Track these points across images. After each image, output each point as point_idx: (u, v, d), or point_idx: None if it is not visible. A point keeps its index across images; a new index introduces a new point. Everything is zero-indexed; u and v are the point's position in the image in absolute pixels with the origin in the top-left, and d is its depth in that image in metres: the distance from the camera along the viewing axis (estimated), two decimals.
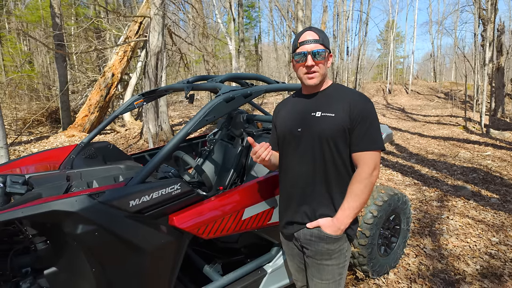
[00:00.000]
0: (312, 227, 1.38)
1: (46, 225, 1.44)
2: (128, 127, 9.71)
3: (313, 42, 1.32)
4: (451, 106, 15.63)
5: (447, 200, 4.23)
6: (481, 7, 10.82)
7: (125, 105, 2.57)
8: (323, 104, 1.38)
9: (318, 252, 1.38)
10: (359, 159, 1.33)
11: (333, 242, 1.36)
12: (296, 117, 1.43)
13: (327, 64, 1.38)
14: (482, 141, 7.84)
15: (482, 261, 2.82)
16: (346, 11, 18.00)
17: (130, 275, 1.49)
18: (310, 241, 1.39)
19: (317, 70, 1.35)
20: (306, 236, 1.41)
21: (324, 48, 1.33)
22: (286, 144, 1.45)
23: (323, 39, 1.34)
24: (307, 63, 1.33)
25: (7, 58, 15.66)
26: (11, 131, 8.62)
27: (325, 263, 1.39)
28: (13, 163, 2.16)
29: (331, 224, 1.34)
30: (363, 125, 1.31)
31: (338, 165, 1.36)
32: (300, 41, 1.34)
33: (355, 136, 1.32)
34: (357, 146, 1.32)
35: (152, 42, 6.85)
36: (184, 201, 1.60)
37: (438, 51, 30.65)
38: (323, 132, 1.33)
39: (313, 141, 1.35)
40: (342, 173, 1.37)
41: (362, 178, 1.30)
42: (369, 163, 1.31)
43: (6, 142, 4.70)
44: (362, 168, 1.31)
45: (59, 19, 9.44)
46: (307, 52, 1.32)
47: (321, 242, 1.37)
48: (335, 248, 1.37)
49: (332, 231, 1.34)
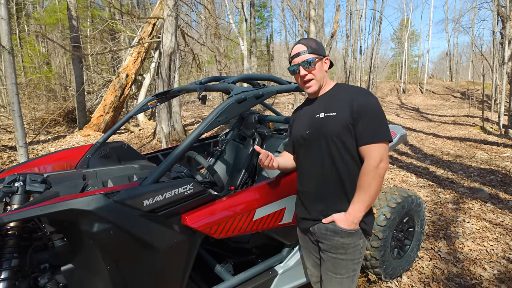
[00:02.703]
0: (327, 222, 1.44)
1: (63, 223, 1.48)
2: (142, 127, 9.87)
3: (301, 54, 1.43)
4: (467, 106, 15.22)
5: (463, 202, 4.13)
6: (500, 4, 10.51)
7: (140, 106, 2.61)
8: (325, 105, 1.46)
9: (333, 246, 1.43)
10: (365, 152, 1.37)
11: (348, 236, 1.41)
12: (304, 121, 1.52)
13: (323, 68, 1.47)
14: (501, 142, 7.61)
15: (499, 265, 2.74)
16: (359, 10, 17.75)
17: (143, 273, 1.51)
18: (325, 235, 1.45)
19: (312, 77, 1.45)
20: (321, 230, 1.46)
21: (314, 56, 1.42)
22: (299, 147, 1.55)
23: (312, 48, 1.43)
24: (300, 73, 1.44)
25: (26, 59, 16.15)
26: (30, 130, 8.88)
27: (340, 257, 1.43)
28: (32, 162, 2.23)
29: (344, 219, 1.40)
30: (364, 119, 1.35)
31: (347, 161, 1.41)
32: (291, 56, 1.47)
33: (358, 130, 1.37)
34: (362, 140, 1.37)
35: (165, 43, 6.93)
36: (196, 201, 1.62)
37: (454, 49, 29.88)
38: (327, 131, 1.40)
39: (320, 141, 1.43)
40: (353, 169, 1.42)
41: (369, 171, 1.35)
42: (374, 156, 1.34)
43: (26, 141, 4.85)
44: (368, 161, 1.36)
45: (75, 21, 9.67)
46: (298, 64, 1.44)
47: (336, 236, 1.42)
48: (350, 242, 1.42)
49: (346, 225, 1.39)
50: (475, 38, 19.63)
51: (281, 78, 2.57)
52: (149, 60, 10.63)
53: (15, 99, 4.60)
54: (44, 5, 18.50)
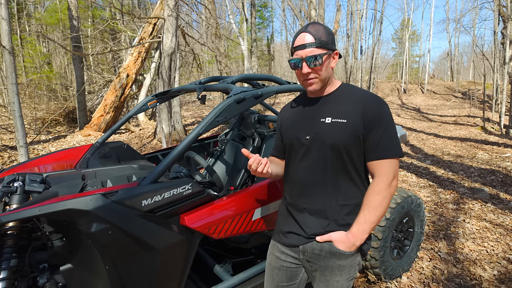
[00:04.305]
0: (323, 241, 1.24)
1: (62, 223, 1.48)
2: (142, 127, 9.89)
3: (308, 47, 1.17)
4: (468, 106, 15.19)
5: (463, 202, 4.12)
6: (501, 4, 10.49)
7: (139, 106, 2.62)
8: (332, 108, 1.24)
9: (328, 268, 1.25)
10: (376, 168, 1.20)
11: (345, 258, 1.23)
12: (304, 124, 1.29)
13: (330, 65, 1.24)
14: (501, 142, 7.60)
15: (499, 266, 2.73)
16: (360, 10, 17.76)
17: (142, 273, 1.51)
18: (319, 256, 1.25)
19: (316, 76, 1.21)
20: (314, 250, 1.26)
21: (322, 51, 1.17)
22: (292, 152, 1.32)
23: (321, 41, 1.17)
24: (303, 71, 1.20)
25: (27, 59, 16.19)
26: (31, 130, 8.90)
27: (335, 279, 1.26)
28: (32, 162, 2.23)
29: (345, 240, 1.21)
30: (378, 130, 1.18)
31: (351, 174, 1.24)
32: (295, 46, 1.21)
33: (370, 143, 1.19)
34: (373, 154, 1.20)
35: (166, 43, 6.94)
36: (195, 201, 1.62)
37: (455, 49, 29.84)
38: (335, 140, 1.20)
39: (324, 149, 1.22)
40: (356, 183, 1.26)
41: (381, 189, 1.18)
42: (388, 173, 1.18)
43: (26, 141, 4.87)
44: (380, 178, 1.19)
45: (76, 21, 9.69)
46: (301, 59, 1.19)
47: (332, 258, 1.23)
48: (346, 264, 1.24)
49: (346, 247, 1.20)
50: (476, 38, 19.61)
51: (281, 78, 2.57)
52: (150, 60, 10.65)
53: (15, 99, 4.61)
54: (45, 5, 18.55)
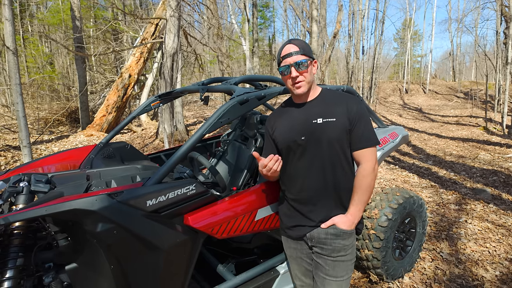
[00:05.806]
0: (327, 226, 1.45)
1: (67, 223, 1.50)
2: (144, 127, 9.91)
3: (294, 54, 1.39)
4: (471, 106, 15.15)
5: (465, 203, 4.12)
6: (503, 4, 10.45)
7: (142, 107, 2.63)
8: (321, 110, 1.45)
9: (335, 249, 1.44)
10: (361, 156, 1.44)
11: (348, 237, 1.45)
12: (297, 126, 1.47)
13: (312, 71, 1.45)
14: (504, 143, 7.58)
15: (502, 267, 2.74)
16: (361, 10, 17.72)
17: (146, 273, 1.53)
18: (325, 240, 1.45)
19: (303, 79, 1.42)
20: (320, 235, 1.46)
21: (306, 58, 1.40)
22: (290, 153, 1.50)
23: (303, 49, 1.40)
24: (291, 74, 1.41)
25: (30, 59, 16.27)
26: (33, 130, 8.94)
27: (341, 259, 1.45)
28: (36, 163, 2.25)
29: (346, 220, 1.44)
30: (360, 124, 1.42)
31: (344, 165, 1.46)
32: (282, 55, 1.43)
33: (355, 135, 1.43)
34: (358, 144, 1.43)
35: (168, 44, 6.95)
36: (198, 201, 1.63)
37: (457, 49, 29.75)
38: (329, 137, 1.41)
39: (321, 147, 1.43)
40: (348, 172, 1.48)
41: (368, 173, 1.42)
42: (371, 159, 1.43)
43: (29, 141, 4.90)
44: (366, 164, 1.43)
45: (79, 21, 9.72)
46: (289, 65, 1.40)
47: (337, 238, 1.44)
48: (349, 243, 1.46)
49: (347, 226, 1.43)
50: (479, 38, 19.55)
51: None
52: (152, 60, 10.67)
53: (19, 99, 4.64)
54: (47, 6, 18.61)
